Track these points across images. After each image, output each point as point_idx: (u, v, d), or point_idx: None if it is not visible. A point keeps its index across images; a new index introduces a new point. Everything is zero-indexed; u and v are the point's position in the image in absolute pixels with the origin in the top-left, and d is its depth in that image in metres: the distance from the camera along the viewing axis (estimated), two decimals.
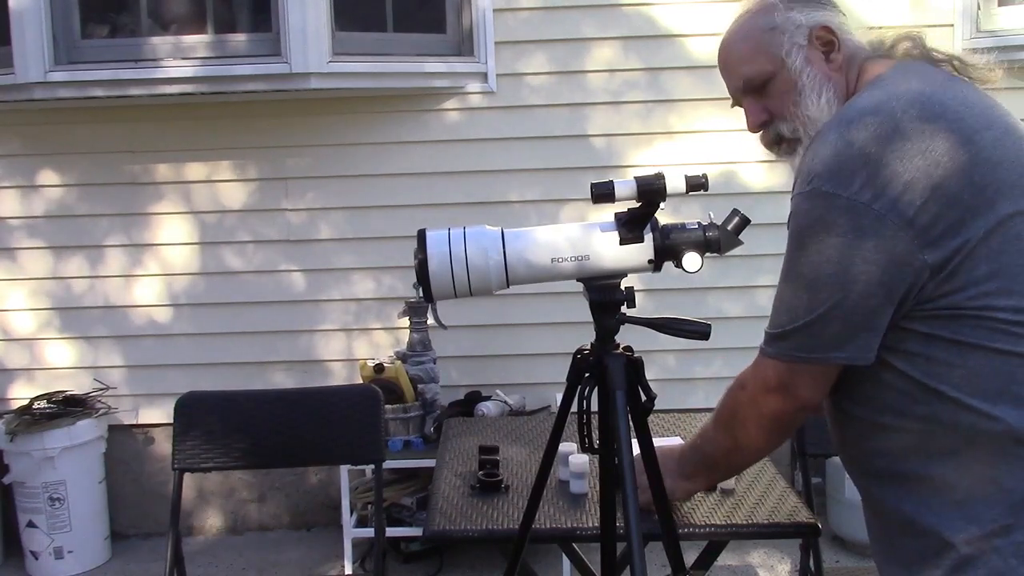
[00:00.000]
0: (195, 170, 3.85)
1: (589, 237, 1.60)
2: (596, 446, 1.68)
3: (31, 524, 3.65)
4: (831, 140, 1.36)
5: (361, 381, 3.52)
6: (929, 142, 1.31)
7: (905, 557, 1.43)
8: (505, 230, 1.62)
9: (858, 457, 1.50)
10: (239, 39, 3.63)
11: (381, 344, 3.91)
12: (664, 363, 3.85)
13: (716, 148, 3.77)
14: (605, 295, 1.63)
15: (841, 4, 1.58)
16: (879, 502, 1.48)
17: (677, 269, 1.61)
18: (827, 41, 1.50)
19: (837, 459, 3.50)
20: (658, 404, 1.69)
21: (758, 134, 1.58)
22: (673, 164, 3.73)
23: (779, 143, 1.55)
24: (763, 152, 1.62)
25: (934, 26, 3.69)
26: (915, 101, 1.36)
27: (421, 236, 1.60)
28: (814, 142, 1.41)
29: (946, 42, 3.65)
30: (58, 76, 3.52)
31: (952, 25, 3.72)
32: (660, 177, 1.56)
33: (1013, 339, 1.31)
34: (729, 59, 1.57)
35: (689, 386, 3.90)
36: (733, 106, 1.62)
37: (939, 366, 1.34)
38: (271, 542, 3.95)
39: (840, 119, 1.39)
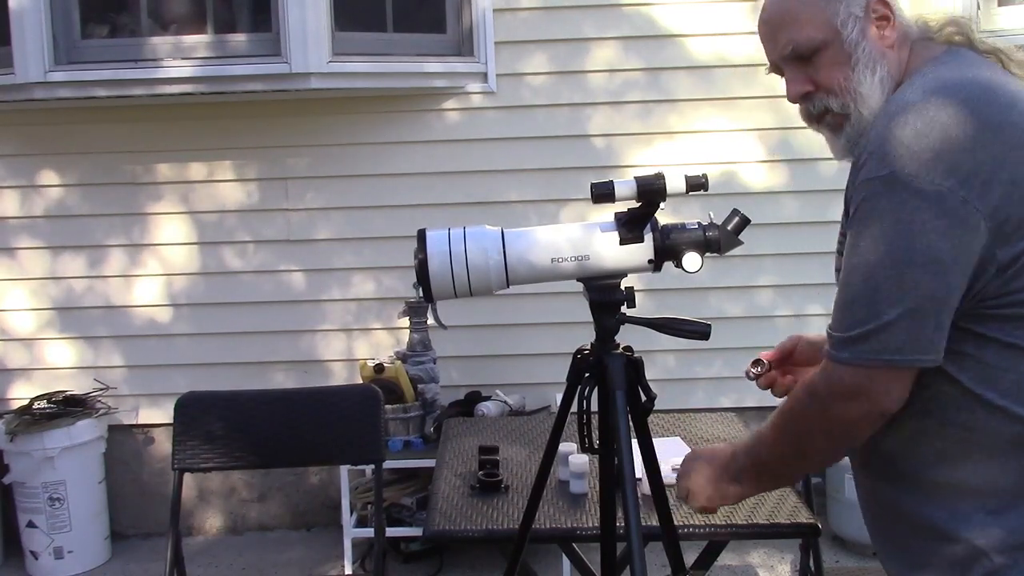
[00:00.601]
0: (195, 170, 3.85)
1: (589, 237, 1.60)
2: (596, 446, 1.68)
3: (31, 524, 3.64)
4: (908, 120, 1.26)
5: (361, 381, 3.51)
6: (1007, 134, 1.25)
7: (920, 560, 1.39)
8: (505, 230, 1.62)
9: (876, 458, 1.44)
10: (239, 39, 3.63)
11: (381, 344, 3.91)
12: (664, 363, 3.85)
13: (716, 148, 3.76)
14: (605, 295, 1.63)
15: None
16: (892, 504, 1.42)
17: (677, 269, 1.61)
18: (882, 15, 1.40)
19: None
20: (658, 404, 1.68)
21: (796, 104, 1.48)
22: (673, 164, 3.73)
23: (822, 117, 1.44)
24: (763, 152, 1.60)
25: None
26: (988, 90, 1.29)
27: (421, 236, 1.60)
28: (883, 121, 1.30)
29: None
30: (58, 76, 3.52)
31: None
32: (660, 177, 1.56)
33: None
34: (776, 21, 1.44)
35: (689, 386, 3.90)
36: (770, 72, 1.50)
37: (989, 370, 1.29)
38: (271, 542, 3.95)
39: (913, 99, 1.29)
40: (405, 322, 3.68)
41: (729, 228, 1.62)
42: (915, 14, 1.46)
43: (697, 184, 1.57)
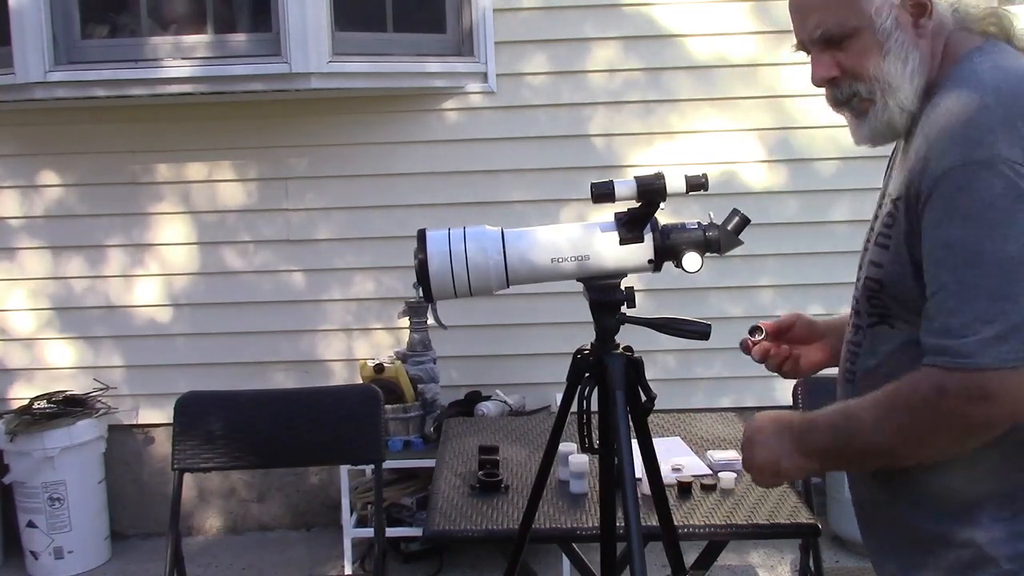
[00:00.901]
0: (195, 170, 3.85)
1: (589, 237, 1.60)
2: (596, 446, 1.68)
3: (31, 524, 3.64)
4: (987, 104, 1.23)
5: (361, 381, 3.51)
6: None
7: (921, 561, 1.37)
8: (505, 230, 1.62)
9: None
10: (239, 39, 3.62)
11: (381, 344, 3.91)
12: (664, 363, 3.85)
13: (716, 148, 3.76)
14: (605, 295, 1.63)
15: None
16: (891, 505, 1.41)
17: (677, 269, 1.61)
18: (919, 4, 1.35)
19: None
20: (658, 404, 1.68)
21: (821, 88, 1.44)
22: (673, 164, 3.73)
23: (848, 101, 1.40)
24: (763, 152, 1.59)
25: None
26: None
27: (421, 236, 1.60)
28: (955, 107, 1.26)
29: None
30: (58, 76, 3.52)
31: None
32: (660, 177, 1.56)
33: None
34: (808, 1, 1.40)
35: (689, 386, 3.90)
36: (796, 50, 1.45)
37: None
38: (271, 542, 3.95)
39: (980, 85, 1.27)
40: (405, 322, 3.68)
41: (729, 228, 1.62)
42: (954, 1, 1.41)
43: (697, 184, 1.57)
